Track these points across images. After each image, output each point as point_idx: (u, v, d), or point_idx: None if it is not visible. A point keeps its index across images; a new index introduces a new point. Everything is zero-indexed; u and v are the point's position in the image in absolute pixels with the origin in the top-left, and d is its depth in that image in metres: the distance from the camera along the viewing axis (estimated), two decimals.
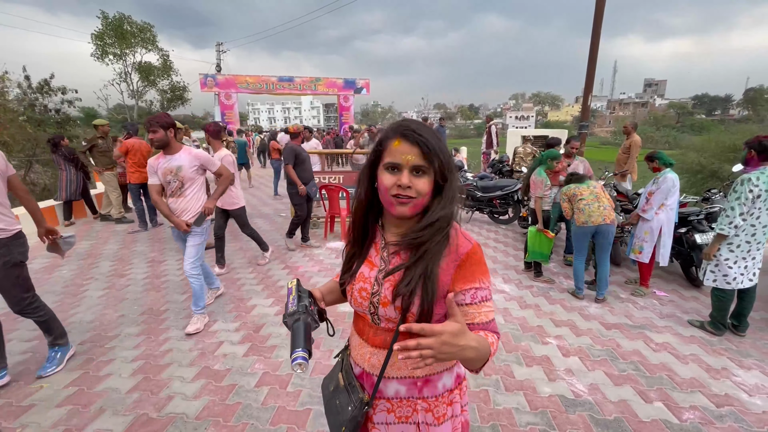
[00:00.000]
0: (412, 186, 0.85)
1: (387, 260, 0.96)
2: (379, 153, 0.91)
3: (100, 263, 4.63)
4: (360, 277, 0.99)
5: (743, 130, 17.76)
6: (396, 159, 0.86)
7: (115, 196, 6.54)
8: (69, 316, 3.29)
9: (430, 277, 0.87)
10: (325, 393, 1.11)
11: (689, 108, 70.89)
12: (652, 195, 3.68)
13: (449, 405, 1.00)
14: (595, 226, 3.51)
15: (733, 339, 3.07)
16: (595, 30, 7.36)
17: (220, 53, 24.85)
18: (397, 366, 0.96)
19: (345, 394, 1.01)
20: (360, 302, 0.98)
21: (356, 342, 1.05)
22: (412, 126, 0.87)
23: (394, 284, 0.91)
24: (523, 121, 56.85)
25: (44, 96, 14.08)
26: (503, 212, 6.54)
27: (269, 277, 4.19)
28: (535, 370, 2.61)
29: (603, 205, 3.55)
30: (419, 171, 0.86)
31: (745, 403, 2.33)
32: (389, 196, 0.87)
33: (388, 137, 0.89)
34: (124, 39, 18.55)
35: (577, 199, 3.64)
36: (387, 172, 0.88)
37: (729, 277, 2.94)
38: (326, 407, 1.07)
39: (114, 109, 23.57)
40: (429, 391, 0.97)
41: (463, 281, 0.89)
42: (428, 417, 0.97)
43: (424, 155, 0.84)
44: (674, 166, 3.73)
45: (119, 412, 2.17)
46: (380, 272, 0.95)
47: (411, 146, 0.85)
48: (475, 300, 0.90)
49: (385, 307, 0.92)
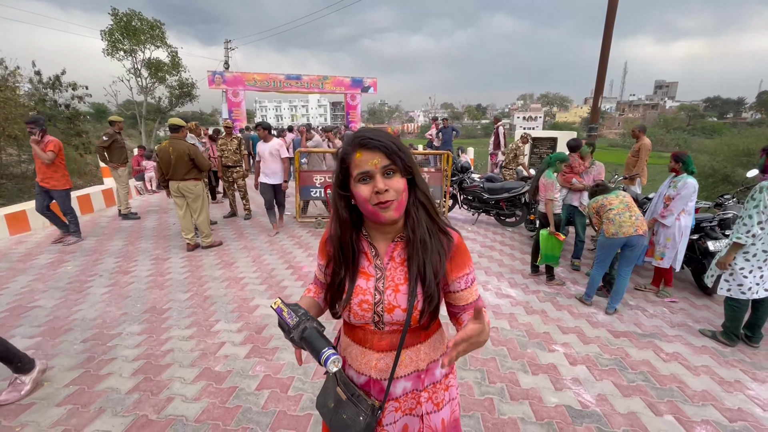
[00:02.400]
0: (388, 188, 0.88)
1: (383, 268, 0.99)
2: (345, 170, 0.93)
3: (105, 259, 4.64)
4: (357, 290, 0.98)
5: (756, 134, 17.44)
6: (364, 168, 0.88)
7: (124, 192, 6.57)
8: (72, 313, 3.29)
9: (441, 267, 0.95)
10: (325, 411, 1.07)
11: (700, 110, 69.84)
12: (671, 200, 3.58)
13: (446, 390, 1.07)
14: (626, 237, 3.32)
15: (746, 350, 2.98)
16: (607, 30, 7.24)
17: (228, 50, 24.93)
18: (404, 364, 1.01)
19: (351, 406, 0.99)
20: (362, 315, 0.98)
21: (357, 352, 1.05)
22: (367, 134, 0.90)
23: (395, 289, 0.95)
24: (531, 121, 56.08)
25: (55, 91, 14.19)
26: (510, 214, 6.46)
27: (273, 277, 4.16)
28: (541, 379, 2.55)
29: (635, 215, 3.36)
30: (389, 171, 0.89)
31: (759, 418, 2.25)
32: (371, 207, 0.90)
33: (348, 153, 0.91)
34: (134, 36, 18.66)
35: (606, 210, 3.45)
36: (360, 184, 0.90)
37: (744, 286, 2.85)
38: (331, 425, 1.03)
39: (123, 105, 23.75)
40: (429, 379, 1.04)
41: (457, 270, 0.99)
42: (429, 405, 1.03)
43: (388, 156, 0.88)
44: (695, 173, 3.62)
45: (119, 412, 2.15)
46: (378, 281, 0.98)
47: (373, 152, 0.88)
48: (468, 284, 1.01)
49: (390, 313, 0.95)
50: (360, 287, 0.98)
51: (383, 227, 0.97)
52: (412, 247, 0.95)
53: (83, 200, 6.92)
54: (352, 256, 0.99)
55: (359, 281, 0.99)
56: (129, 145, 15.17)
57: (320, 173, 6.18)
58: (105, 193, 7.51)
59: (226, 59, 24.79)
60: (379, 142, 0.88)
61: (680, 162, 3.59)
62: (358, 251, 1.00)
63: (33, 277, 4.04)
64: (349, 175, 0.92)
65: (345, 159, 0.92)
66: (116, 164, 6.40)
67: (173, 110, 22.00)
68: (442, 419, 1.06)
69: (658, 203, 3.75)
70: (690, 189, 3.51)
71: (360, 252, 1.01)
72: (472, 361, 2.72)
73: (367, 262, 1.00)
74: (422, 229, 0.95)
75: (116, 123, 6.35)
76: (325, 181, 6.12)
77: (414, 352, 1.02)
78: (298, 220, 6.37)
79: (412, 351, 1.01)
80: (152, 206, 7.77)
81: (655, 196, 3.85)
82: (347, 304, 0.98)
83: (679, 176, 3.61)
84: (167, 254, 4.85)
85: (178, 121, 4.85)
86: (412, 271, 0.94)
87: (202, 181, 5.03)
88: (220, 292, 3.77)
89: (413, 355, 1.01)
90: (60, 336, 2.94)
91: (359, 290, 0.98)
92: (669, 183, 3.72)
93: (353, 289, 0.98)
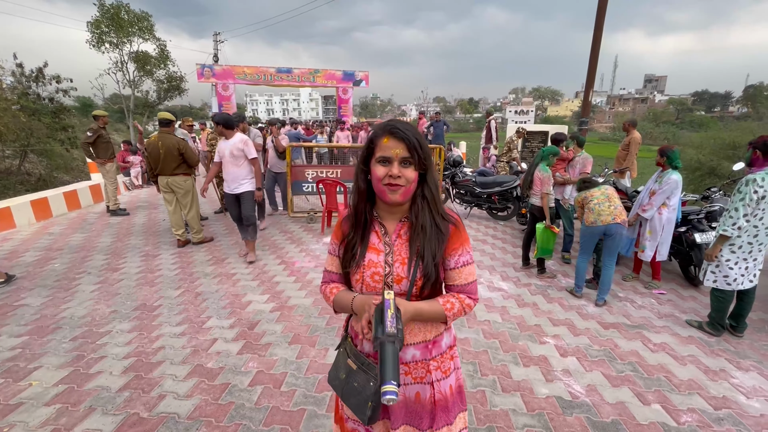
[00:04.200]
0: (401, 175, 1.02)
1: (391, 244, 1.11)
2: (371, 149, 1.07)
3: (94, 256, 4.57)
4: (370, 264, 1.10)
5: (742, 128, 17.71)
6: (386, 153, 1.02)
7: (112, 188, 6.46)
8: (60, 311, 3.24)
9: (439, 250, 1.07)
10: (336, 383, 1.16)
11: (689, 104, 70.74)
12: (655, 194, 3.65)
13: (451, 359, 1.18)
14: (605, 225, 3.43)
15: (731, 340, 3.05)
16: (598, 24, 7.26)
17: (217, 43, 24.52)
18: (414, 333, 1.11)
19: (361, 374, 1.09)
20: (373, 285, 1.10)
21: None
22: (398, 125, 1.04)
23: (402, 262, 1.08)
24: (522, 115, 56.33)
25: (38, 85, 13.82)
26: (502, 208, 6.49)
27: (265, 273, 4.14)
28: (532, 371, 2.59)
29: (614, 205, 3.46)
30: (406, 162, 1.03)
31: (743, 405, 2.31)
32: (381, 185, 1.04)
33: (378, 135, 1.05)
34: (121, 28, 18.21)
35: (588, 201, 3.58)
36: (379, 165, 1.04)
37: (730, 278, 2.91)
38: (343, 394, 1.12)
39: (110, 98, 23.23)
40: (436, 350, 1.14)
41: (452, 246, 1.10)
42: (438, 373, 1.13)
43: (409, 149, 1.02)
44: (679, 167, 3.68)
45: (109, 411, 2.13)
46: (387, 255, 1.10)
47: (398, 142, 1.02)
48: (458, 265, 1.11)
49: (399, 284, 1.08)
50: (372, 260, 1.10)
51: (390, 207, 1.11)
52: (414, 230, 1.09)
53: (70, 196, 6.79)
54: (364, 222, 1.13)
55: (371, 255, 1.11)
56: (116, 140, 14.93)
57: (312, 168, 6.14)
58: (92, 188, 7.38)
59: (215, 52, 24.39)
60: (404, 135, 1.01)
61: (665, 156, 3.66)
62: (369, 224, 1.13)
63: (19, 275, 3.97)
64: (372, 154, 1.06)
65: (374, 140, 1.06)
66: (103, 160, 6.28)
67: (162, 104, 21.60)
68: (450, 385, 1.16)
69: (644, 197, 3.81)
70: (672, 185, 3.58)
71: (371, 229, 1.14)
72: (464, 354, 2.74)
73: (377, 239, 1.13)
74: (424, 217, 1.08)
75: (100, 117, 6.22)
76: (316, 176, 6.08)
77: (422, 323, 1.12)
78: (290, 215, 6.34)
79: (420, 321, 1.11)
80: (142, 202, 7.66)
81: (643, 189, 3.91)
82: (359, 268, 1.10)
83: (665, 171, 3.67)
84: (157, 251, 4.79)
85: (168, 115, 4.76)
86: (412, 249, 1.08)
87: (192, 176, 4.96)
88: (212, 288, 3.75)
89: (421, 325, 1.12)
90: (48, 335, 2.89)
91: (371, 263, 1.10)
92: (656, 177, 3.77)
93: (365, 262, 1.10)
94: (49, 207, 6.29)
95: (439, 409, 1.13)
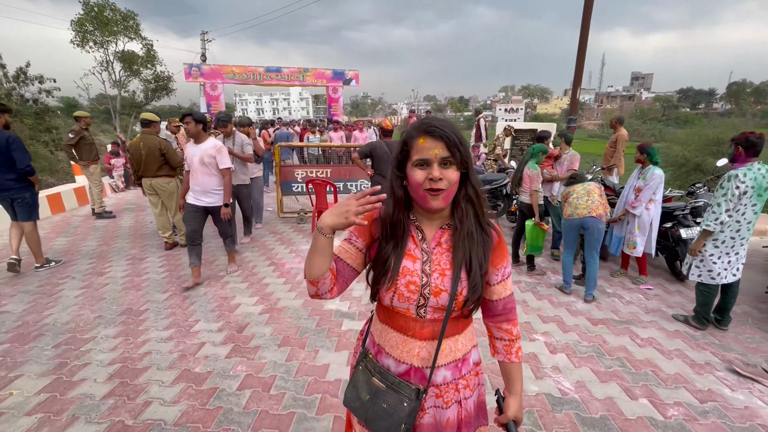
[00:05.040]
0: (443, 177, 0.91)
1: (429, 252, 1.01)
2: (406, 152, 0.97)
3: (78, 261, 4.47)
4: (405, 271, 0.99)
5: (726, 124, 18.10)
6: (424, 155, 0.92)
7: (97, 190, 6.34)
8: (43, 318, 3.16)
9: (486, 260, 1.00)
10: (358, 405, 1.06)
11: (674, 101, 72.02)
12: (641, 191, 3.70)
13: (476, 375, 1.13)
14: (581, 219, 3.50)
15: (716, 333, 3.10)
16: (584, 23, 7.33)
17: (205, 42, 24.20)
18: (445, 354, 1.03)
19: (392, 393, 1.01)
20: (407, 296, 0.99)
21: (399, 340, 1.05)
22: (434, 123, 0.94)
23: (442, 273, 0.98)
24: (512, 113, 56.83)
25: (20, 85, 13.49)
26: (492, 206, 6.53)
27: (254, 275, 4.10)
28: (522, 369, 2.59)
29: (592, 199, 3.53)
30: (446, 163, 0.93)
31: (728, 398, 2.35)
32: (422, 191, 0.94)
33: (413, 136, 0.95)
34: (105, 26, 17.86)
35: (569, 195, 3.66)
36: (417, 169, 0.94)
37: (714, 272, 2.96)
38: (368, 418, 1.03)
39: (96, 99, 22.77)
40: (465, 368, 1.08)
41: (498, 260, 1.03)
42: (466, 392, 1.08)
43: (449, 148, 0.92)
44: (659, 163, 3.77)
45: (93, 419, 2.08)
46: (424, 263, 0.99)
47: (436, 141, 0.92)
48: (504, 277, 1.06)
49: (437, 296, 0.97)
50: (407, 268, 0.99)
51: (430, 214, 1.01)
52: (458, 236, 0.99)
53: (54, 199, 6.65)
54: (402, 234, 1.01)
55: (406, 262, 1.00)
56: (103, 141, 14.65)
57: (302, 168, 6.10)
58: (77, 191, 7.24)
59: (203, 51, 24.06)
60: (443, 132, 0.92)
61: (645, 153, 3.75)
62: (407, 231, 1.02)
63: (0, 281, 3.86)
64: (408, 157, 0.96)
65: (408, 142, 0.96)
66: (86, 162, 6.16)
67: (149, 104, 21.25)
68: (473, 402, 1.12)
69: (629, 194, 3.86)
70: (657, 179, 3.65)
71: (408, 234, 1.03)
72: None
73: (413, 245, 1.02)
74: (470, 221, 0.99)
75: (83, 118, 6.09)
76: (306, 176, 6.04)
77: (453, 342, 1.05)
78: (280, 215, 6.29)
79: (451, 341, 1.05)
80: (128, 204, 7.54)
81: (626, 187, 3.96)
82: (393, 283, 0.99)
83: (646, 167, 3.73)
84: (144, 254, 4.71)
85: (150, 115, 4.68)
86: (457, 259, 0.98)
87: (176, 178, 4.87)
88: (200, 291, 3.69)
89: (452, 344, 1.05)
90: (30, 342, 2.82)
91: (406, 271, 0.99)
92: (638, 174, 3.83)
93: (400, 269, 0.99)
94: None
95: (464, 427, 1.08)
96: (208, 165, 3.57)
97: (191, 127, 3.53)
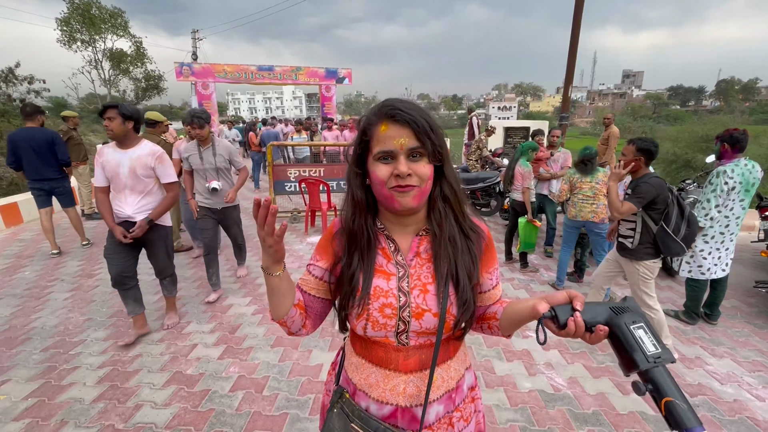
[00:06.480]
0: (412, 173, 0.74)
1: (405, 265, 0.84)
2: (365, 144, 0.79)
3: (67, 263, 4.40)
4: (377, 292, 0.81)
5: (715, 121, 18.33)
6: (387, 146, 0.74)
7: (87, 191, 6.25)
8: (31, 321, 3.11)
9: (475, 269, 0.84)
10: None
11: (665, 99, 72.89)
12: None
13: (472, 402, 0.95)
14: (584, 221, 3.55)
15: (705, 327, 3.14)
16: (575, 21, 7.36)
17: (196, 41, 23.93)
18: (437, 386, 0.85)
19: None
20: (383, 323, 0.81)
21: (379, 376, 0.85)
22: (397, 105, 0.75)
23: (423, 289, 0.81)
24: (505, 111, 57.16)
25: (9, 85, 13.27)
26: (485, 204, 6.55)
27: (246, 275, 4.06)
28: (515, 365, 2.61)
29: (597, 204, 3.52)
30: (415, 155, 0.75)
31: (717, 391, 2.38)
32: (386, 190, 0.76)
33: (372, 123, 0.77)
34: (92, 24, 17.62)
35: (576, 192, 3.61)
36: (379, 163, 0.76)
37: (703, 267, 3.00)
38: None
39: (85, 98, 22.49)
40: (459, 397, 0.90)
41: (489, 263, 0.89)
42: (461, 424, 0.90)
43: (417, 136, 0.74)
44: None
45: (82, 424, 2.05)
46: (401, 280, 0.82)
47: (401, 128, 0.74)
48: (498, 280, 0.93)
49: (419, 319, 0.80)
50: (380, 288, 0.81)
51: (402, 218, 0.83)
52: (438, 244, 0.82)
53: None
54: (367, 243, 0.83)
55: (378, 281, 0.82)
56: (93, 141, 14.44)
57: (294, 167, 6.06)
58: None
59: (194, 50, 23.80)
60: (409, 116, 0.73)
61: None
62: (374, 240, 0.85)
63: None
64: (368, 150, 0.78)
65: (367, 130, 0.78)
66: (75, 162, 6.06)
67: (140, 103, 21.05)
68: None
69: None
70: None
71: (376, 248, 0.85)
72: None
73: (385, 259, 0.84)
74: (450, 224, 0.83)
75: (70, 118, 5.98)
76: (299, 175, 6.01)
77: (445, 370, 0.87)
78: None
79: (443, 369, 0.87)
80: None
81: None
82: (363, 308, 0.81)
83: None
84: None
85: (155, 115, 4.19)
86: (440, 271, 0.81)
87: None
88: (192, 292, 3.66)
89: (444, 373, 0.87)
90: (17, 346, 2.77)
91: (379, 292, 0.81)
92: None
93: (371, 291, 0.82)
94: (19, 212, 6.06)
95: None
96: (142, 178, 2.62)
97: (116, 125, 2.47)
